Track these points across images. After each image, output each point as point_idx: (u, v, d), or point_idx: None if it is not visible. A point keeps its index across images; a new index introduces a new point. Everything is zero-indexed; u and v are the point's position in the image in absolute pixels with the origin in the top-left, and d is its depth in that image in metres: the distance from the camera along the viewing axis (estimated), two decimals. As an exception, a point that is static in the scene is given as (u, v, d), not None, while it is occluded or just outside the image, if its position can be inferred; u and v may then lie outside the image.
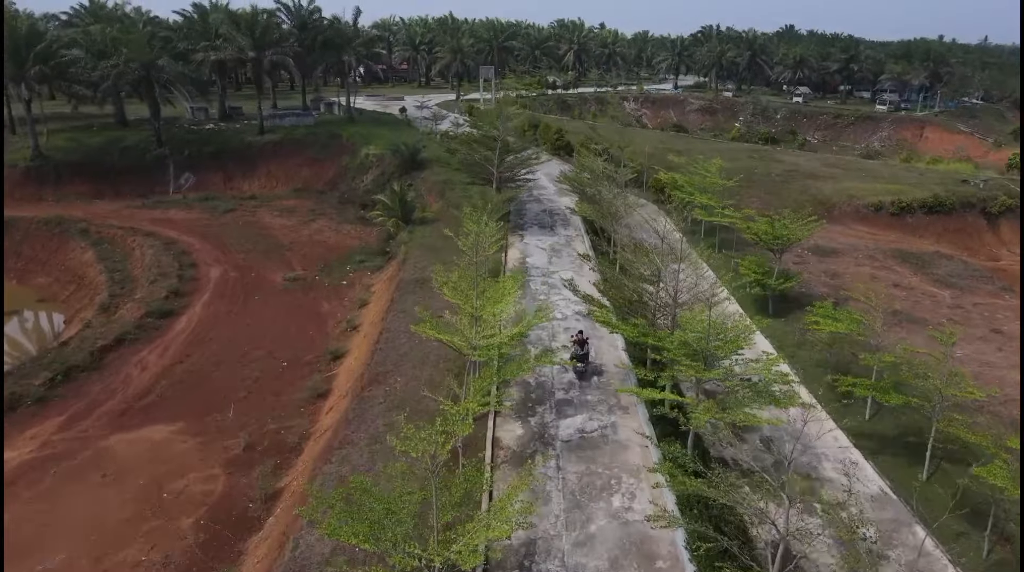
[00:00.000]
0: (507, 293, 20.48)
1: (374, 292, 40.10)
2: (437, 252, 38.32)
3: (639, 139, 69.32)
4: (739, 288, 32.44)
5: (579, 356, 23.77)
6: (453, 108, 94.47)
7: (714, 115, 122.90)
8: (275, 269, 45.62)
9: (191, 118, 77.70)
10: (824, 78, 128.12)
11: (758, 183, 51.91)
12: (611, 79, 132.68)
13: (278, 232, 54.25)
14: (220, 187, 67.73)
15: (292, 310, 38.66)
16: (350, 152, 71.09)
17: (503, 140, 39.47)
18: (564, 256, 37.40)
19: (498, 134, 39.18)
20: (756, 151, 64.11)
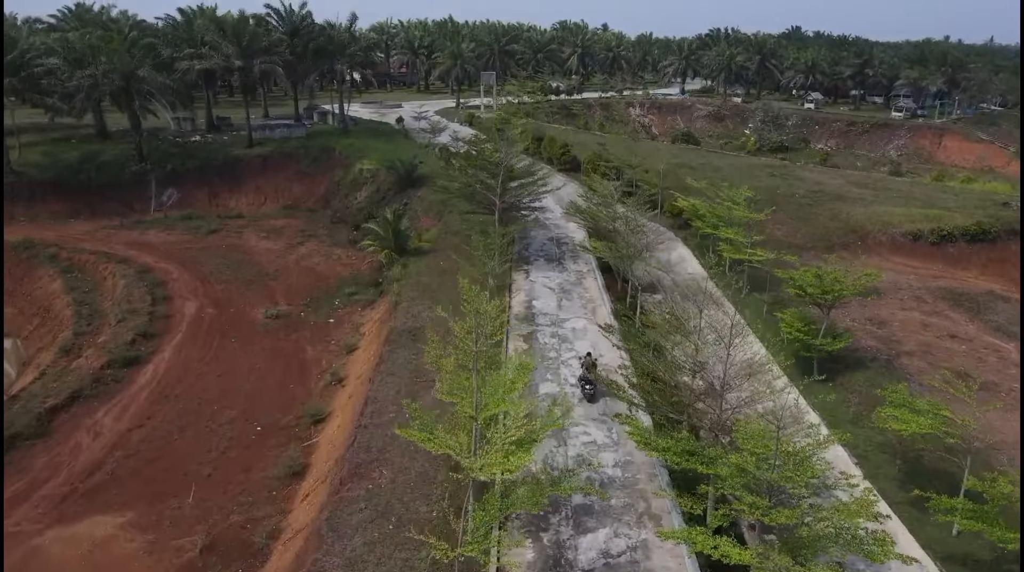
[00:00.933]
0: (513, 385, 16.51)
1: (364, 334, 36.17)
2: (433, 293, 34.37)
3: (650, 153, 65.30)
4: (777, 344, 28.47)
5: (588, 379, 24.10)
6: (453, 116, 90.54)
7: (723, 122, 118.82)
8: (257, 302, 41.68)
9: (176, 129, 73.79)
10: (836, 83, 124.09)
11: (782, 205, 47.88)
12: (616, 83, 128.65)
13: (263, 257, 50.31)
14: (205, 204, 63.83)
15: (272, 356, 34.70)
16: (343, 166, 67.15)
17: (507, 166, 35.45)
18: (575, 298, 33.42)
19: (501, 158, 35.19)
20: (776, 168, 60.12)
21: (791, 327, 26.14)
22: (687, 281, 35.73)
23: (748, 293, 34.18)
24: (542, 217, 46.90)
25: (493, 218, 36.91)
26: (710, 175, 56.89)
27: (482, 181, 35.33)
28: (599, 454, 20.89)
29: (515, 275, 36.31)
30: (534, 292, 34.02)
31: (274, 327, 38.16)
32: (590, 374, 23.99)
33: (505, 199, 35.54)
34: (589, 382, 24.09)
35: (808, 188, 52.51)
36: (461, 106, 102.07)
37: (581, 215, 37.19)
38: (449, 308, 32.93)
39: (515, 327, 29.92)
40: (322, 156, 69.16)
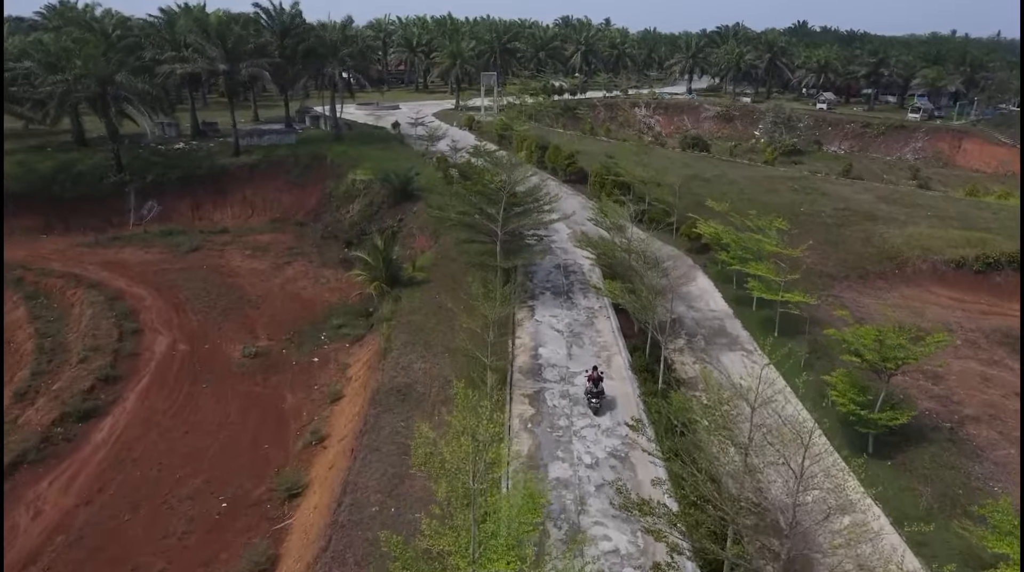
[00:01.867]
0: (521, 528, 12.77)
1: (350, 378, 32.47)
2: (427, 336, 30.62)
3: (660, 164, 61.45)
4: (819, 403, 24.76)
5: (594, 393, 24.62)
6: (452, 119, 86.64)
7: (731, 123, 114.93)
8: (235, 336, 37.97)
9: (160, 135, 69.98)
10: (849, 83, 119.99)
11: (808, 226, 44.08)
12: (621, 82, 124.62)
13: (246, 280, 46.54)
14: (188, 218, 60.04)
15: (247, 406, 31.00)
16: (335, 176, 63.36)
17: (509, 192, 31.66)
18: (586, 343, 29.65)
19: (503, 184, 31.38)
20: (797, 181, 56.24)
21: (843, 397, 22.31)
22: (711, 320, 32.08)
23: (779, 337, 30.40)
24: (547, 238, 43.14)
25: (493, 247, 33.10)
26: (726, 189, 53.13)
27: (482, 209, 31.52)
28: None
29: (519, 312, 32.56)
30: (540, 336, 30.25)
31: (252, 368, 34.43)
32: (596, 388, 24.64)
33: (507, 228, 31.71)
34: (596, 396, 24.61)
35: (834, 205, 48.66)
36: (461, 108, 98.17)
37: (592, 248, 33.26)
38: (444, 358, 29.42)
39: (519, 383, 26.19)
40: (313, 165, 65.39)
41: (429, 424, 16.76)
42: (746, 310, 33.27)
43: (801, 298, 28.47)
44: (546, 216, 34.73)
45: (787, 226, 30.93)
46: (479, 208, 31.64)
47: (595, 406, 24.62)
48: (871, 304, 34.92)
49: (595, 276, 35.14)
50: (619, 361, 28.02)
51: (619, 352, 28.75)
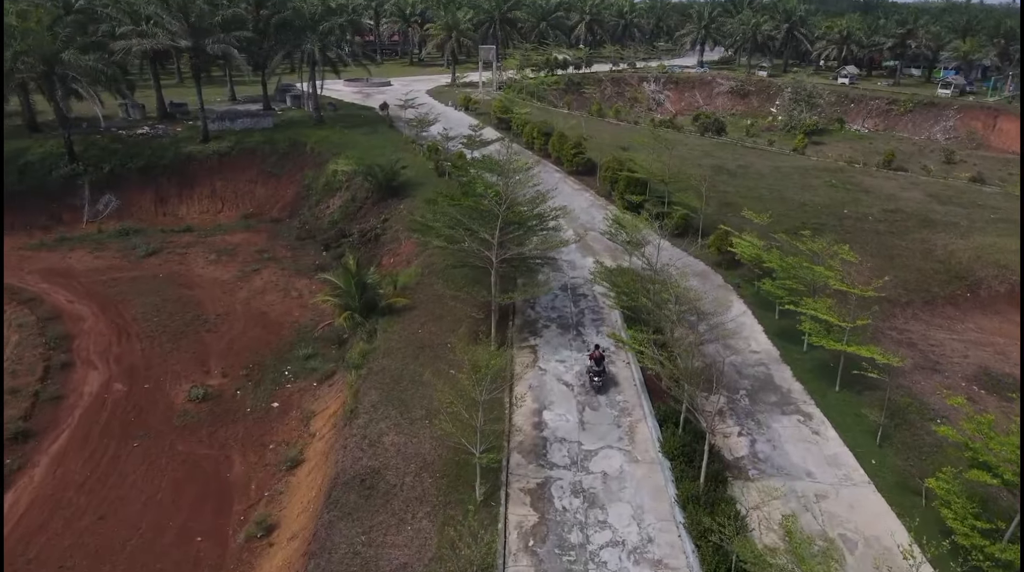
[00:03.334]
0: None
1: (313, 434, 26.65)
2: (403, 391, 24.66)
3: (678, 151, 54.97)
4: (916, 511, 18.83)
5: (596, 372, 24.31)
6: (447, 97, 79.75)
7: (746, 98, 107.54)
8: (184, 370, 32.11)
9: (125, 117, 63.43)
10: (872, 55, 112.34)
11: (855, 233, 37.90)
12: (628, 55, 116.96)
13: (207, 293, 40.54)
14: (149, 213, 53.87)
15: (184, 474, 25.20)
16: (315, 166, 56.96)
17: (507, 207, 25.42)
18: (602, 403, 23.69)
19: (502, 200, 25.11)
20: (834, 174, 49.74)
21: (960, 521, 16.19)
22: (754, 366, 26.06)
23: (841, 390, 24.44)
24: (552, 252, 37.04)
25: (486, 274, 26.95)
26: (754, 184, 46.81)
27: (472, 231, 25.31)
28: None
29: (518, 357, 26.57)
30: (545, 392, 24.29)
31: (197, 418, 28.57)
32: (598, 366, 24.29)
33: (505, 255, 25.54)
34: (598, 374, 24.33)
35: (881, 205, 42.37)
36: (457, 84, 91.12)
37: (609, 283, 26.90)
38: (424, 427, 23.52)
39: (518, 471, 20.33)
40: (291, 152, 58.88)
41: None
42: (795, 350, 27.23)
43: (881, 357, 22.19)
44: (553, 236, 28.45)
45: (856, 257, 24.63)
46: (468, 230, 25.42)
47: (597, 385, 24.28)
48: (945, 340, 28.91)
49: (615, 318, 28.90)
50: (644, 433, 22.08)
51: (644, 418, 22.79)
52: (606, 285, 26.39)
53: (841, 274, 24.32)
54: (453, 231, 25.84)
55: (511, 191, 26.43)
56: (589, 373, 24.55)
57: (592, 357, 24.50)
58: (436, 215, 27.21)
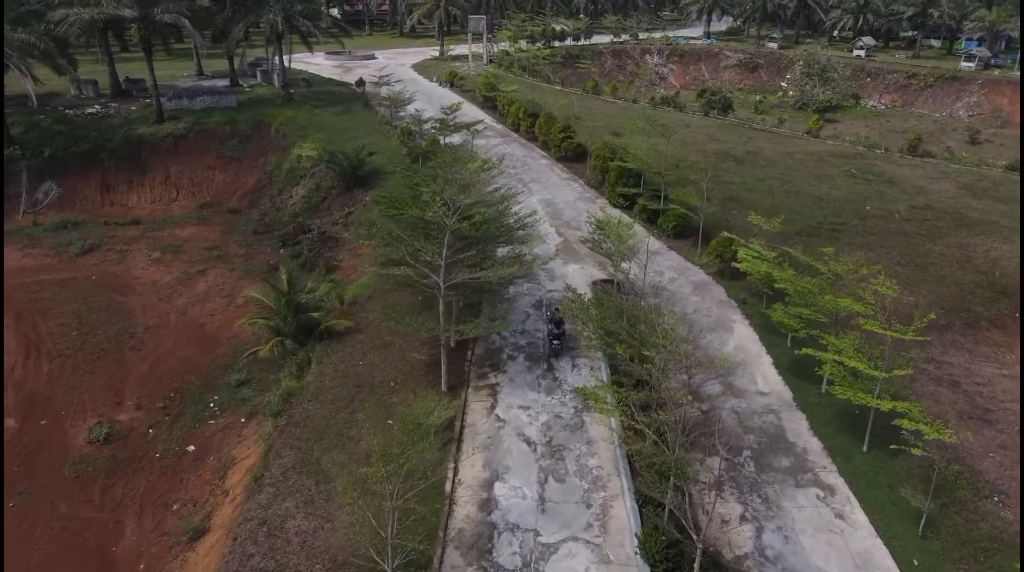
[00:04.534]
0: None
1: (227, 491, 21.99)
2: (325, 452, 19.89)
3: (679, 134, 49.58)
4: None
5: (555, 334, 24.04)
6: (433, 72, 74.08)
7: (755, 72, 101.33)
8: (92, 401, 27.50)
9: (77, 95, 58.30)
10: (890, 25, 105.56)
11: (879, 235, 32.81)
12: (631, 25, 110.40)
13: (140, 300, 35.81)
14: (95, 203, 48.99)
15: (57, 552, 20.61)
16: (279, 150, 51.86)
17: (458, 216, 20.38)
18: (570, 471, 18.87)
19: (448, 212, 20.02)
20: (852, 160, 44.37)
21: None
22: (762, 414, 21.19)
23: (870, 451, 19.60)
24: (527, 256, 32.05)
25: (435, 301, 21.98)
26: (763, 174, 41.54)
27: (414, 249, 20.30)
28: None
29: (473, 401, 21.76)
30: (500, 454, 19.49)
31: (94, 466, 23.97)
32: (558, 329, 23.98)
33: (454, 280, 20.56)
34: (557, 337, 24.06)
35: (909, 200, 37.15)
36: (446, 57, 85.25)
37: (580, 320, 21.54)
38: (341, 507, 18.64)
39: (453, 576, 15.60)
40: (254, 135, 53.76)
41: None
42: (811, 390, 22.33)
43: (930, 429, 17.07)
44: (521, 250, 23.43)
45: (896, 290, 19.50)
46: (409, 247, 20.42)
47: (556, 348, 23.99)
48: (993, 377, 24.00)
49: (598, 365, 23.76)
50: (620, 516, 17.29)
51: (621, 494, 18.00)
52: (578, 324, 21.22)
53: (874, 309, 19.28)
54: (390, 249, 20.84)
55: (468, 195, 21.35)
56: (549, 337, 24.41)
57: (552, 321, 24.29)
58: (372, 229, 22.24)
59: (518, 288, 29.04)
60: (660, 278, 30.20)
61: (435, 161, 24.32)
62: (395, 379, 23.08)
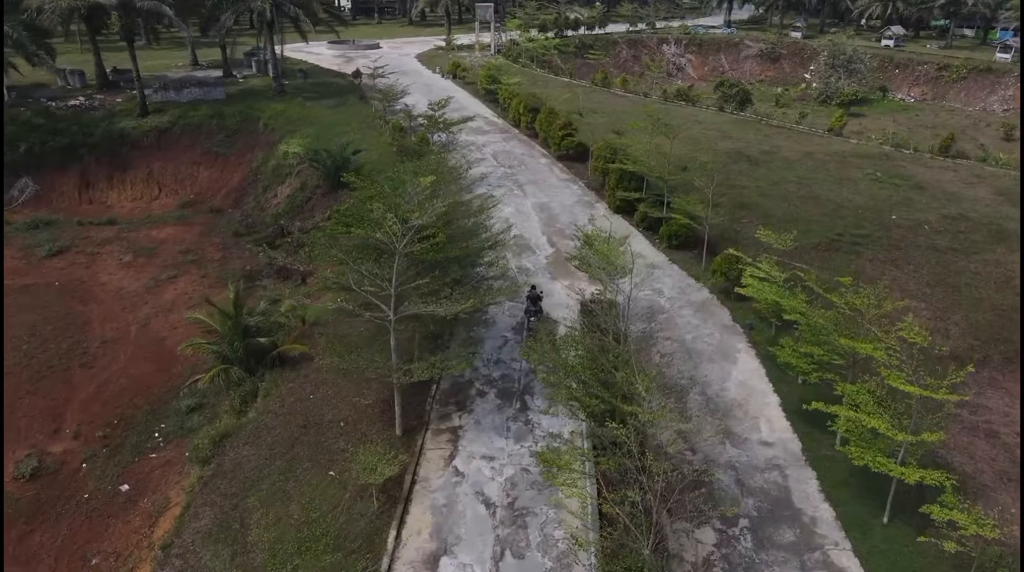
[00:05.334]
0: None
1: (154, 543, 19.36)
2: (249, 511, 17.16)
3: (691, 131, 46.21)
4: None
5: (532, 311, 24.27)
6: (437, 64, 71.04)
7: (777, 63, 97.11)
8: (29, 428, 25.09)
9: (64, 86, 56.14)
10: (921, 14, 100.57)
11: (908, 251, 29.44)
12: (648, 14, 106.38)
13: (102, 310, 33.46)
14: (73, 201, 46.81)
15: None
16: (267, 145, 49.27)
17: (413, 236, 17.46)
18: (532, 541, 15.98)
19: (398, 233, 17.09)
20: (877, 162, 40.72)
21: None
22: (764, 471, 18.21)
23: (892, 522, 16.50)
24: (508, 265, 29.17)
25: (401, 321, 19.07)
26: (779, 177, 38.19)
27: (359, 275, 17.44)
28: None
29: (430, 449, 18.93)
30: (453, 518, 16.64)
31: (15, 508, 21.49)
32: (535, 306, 24.29)
33: (406, 311, 17.67)
34: (535, 314, 24.29)
35: (940, 208, 33.63)
36: (453, 47, 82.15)
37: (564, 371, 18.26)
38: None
39: None
40: (242, 129, 51.20)
41: None
42: (823, 439, 19.18)
43: (968, 521, 13.80)
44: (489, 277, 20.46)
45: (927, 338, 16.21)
46: (354, 272, 17.55)
47: (532, 324, 23.90)
48: (1038, 425, 20.66)
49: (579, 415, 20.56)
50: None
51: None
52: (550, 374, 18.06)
53: (899, 356, 16.07)
54: (336, 272, 17.99)
55: (425, 213, 18.41)
56: (526, 314, 24.54)
57: (529, 297, 24.55)
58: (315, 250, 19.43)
59: (499, 306, 26.23)
60: (658, 298, 27.17)
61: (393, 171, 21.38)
62: (347, 418, 20.33)
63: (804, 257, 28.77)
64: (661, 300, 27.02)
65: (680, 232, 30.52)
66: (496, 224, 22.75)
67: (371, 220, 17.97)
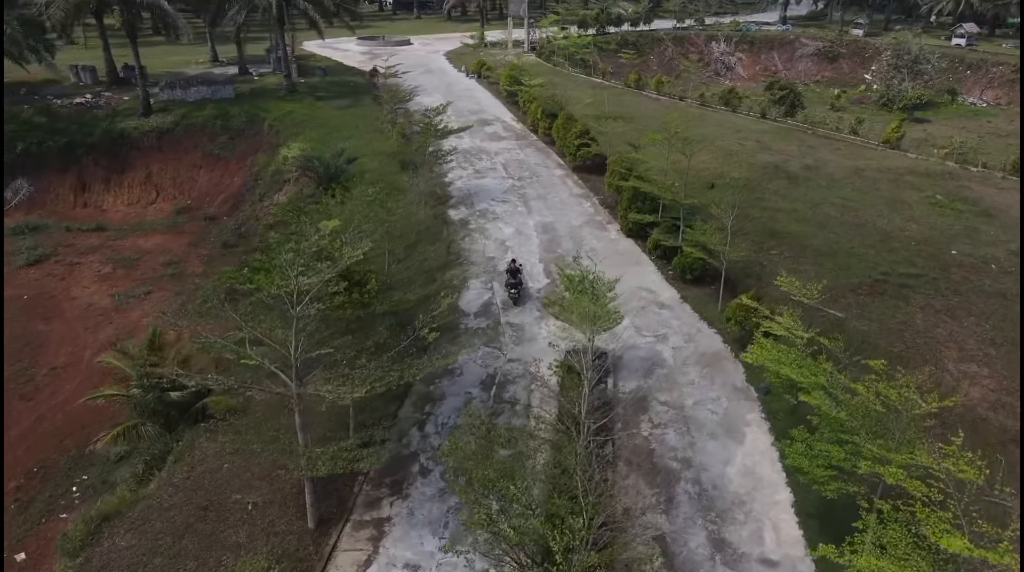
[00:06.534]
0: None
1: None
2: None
3: (724, 141, 41.57)
4: None
5: (512, 284, 25.28)
6: (466, 61, 67.50)
7: (835, 63, 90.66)
8: (-55, 472, 22.45)
9: (76, 82, 54.64)
10: (997, 10, 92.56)
11: (968, 299, 24.52)
12: (696, 9, 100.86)
13: (63, 330, 31.08)
14: (68, 204, 44.93)
15: None
16: (270, 148, 46.52)
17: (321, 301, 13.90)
18: None
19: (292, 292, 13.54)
20: (940, 184, 35.18)
21: None
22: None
23: None
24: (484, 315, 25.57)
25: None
26: (820, 197, 33.43)
27: (254, 337, 13.98)
28: None
29: (343, 550, 15.37)
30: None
31: None
32: (514, 279, 25.28)
33: (302, 387, 14.10)
34: (514, 286, 25.26)
35: (1009, 243, 28.46)
36: (486, 44, 78.57)
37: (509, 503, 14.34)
38: None
39: None
40: (247, 130, 48.62)
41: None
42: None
43: None
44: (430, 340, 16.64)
45: (981, 474, 11.77)
46: (248, 332, 14.11)
47: (514, 296, 25.22)
48: None
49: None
50: None
51: None
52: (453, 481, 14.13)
53: (943, 490, 11.67)
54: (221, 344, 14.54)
55: (336, 264, 14.79)
56: (507, 287, 25.60)
57: (508, 270, 25.68)
58: (205, 305, 16.07)
59: (472, 353, 22.52)
60: (662, 346, 23.05)
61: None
62: (259, 498, 16.90)
63: (840, 302, 24.28)
64: (664, 350, 22.88)
65: (695, 265, 26.26)
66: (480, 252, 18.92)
67: (276, 267, 14.44)
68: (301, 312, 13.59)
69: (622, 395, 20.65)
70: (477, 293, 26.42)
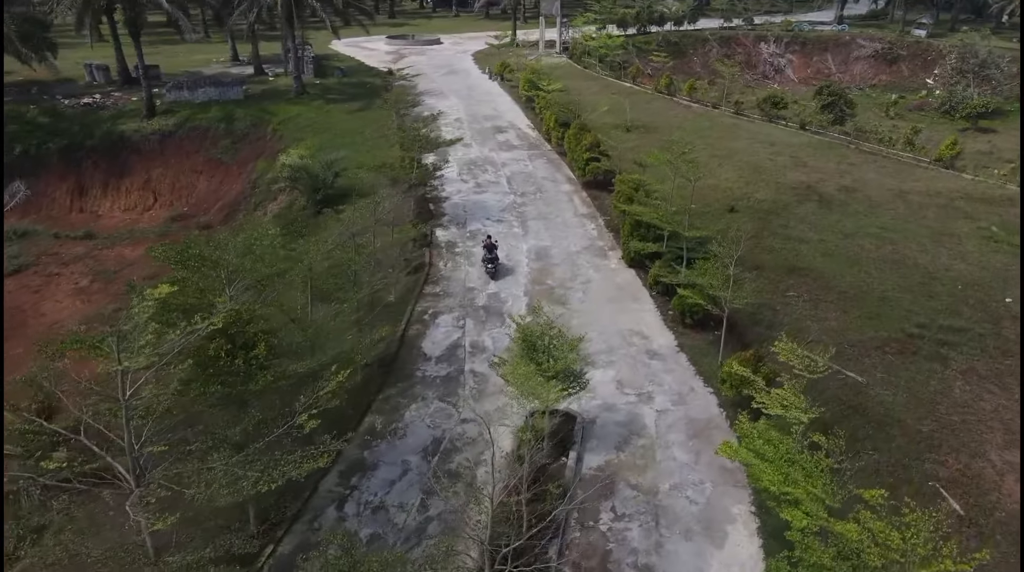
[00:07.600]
0: None
1: None
2: None
3: (753, 160, 37.61)
4: None
5: (489, 259, 26.32)
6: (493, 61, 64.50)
7: (894, 66, 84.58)
8: None
9: (89, 82, 53.65)
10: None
11: (1019, 358, 20.49)
12: (745, 8, 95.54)
13: (18, 354, 29.14)
14: (64, 209, 43.63)
15: None
16: (272, 153, 44.20)
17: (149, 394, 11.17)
18: None
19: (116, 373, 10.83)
20: (997, 212, 30.54)
21: None
22: None
23: None
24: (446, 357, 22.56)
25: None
26: (853, 225, 29.39)
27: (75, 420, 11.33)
28: None
29: None
30: None
31: None
32: (491, 254, 26.29)
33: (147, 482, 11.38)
34: (491, 261, 26.27)
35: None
36: (517, 44, 75.46)
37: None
38: None
39: None
40: (251, 134, 46.67)
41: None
42: None
43: None
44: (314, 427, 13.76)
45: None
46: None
47: (491, 271, 26.30)
48: None
49: None
50: None
51: None
52: None
53: None
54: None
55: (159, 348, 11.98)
56: (484, 262, 26.50)
57: (484, 245, 26.61)
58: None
59: (420, 409, 19.59)
60: (645, 408, 19.70)
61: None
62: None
63: (863, 361, 20.51)
64: (647, 414, 19.52)
65: (696, 309, 22.74)
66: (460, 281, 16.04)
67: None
68: (130, 401, 10.82)
69: (586, 472, 17.42)
70: (445, 332, 23.43)
